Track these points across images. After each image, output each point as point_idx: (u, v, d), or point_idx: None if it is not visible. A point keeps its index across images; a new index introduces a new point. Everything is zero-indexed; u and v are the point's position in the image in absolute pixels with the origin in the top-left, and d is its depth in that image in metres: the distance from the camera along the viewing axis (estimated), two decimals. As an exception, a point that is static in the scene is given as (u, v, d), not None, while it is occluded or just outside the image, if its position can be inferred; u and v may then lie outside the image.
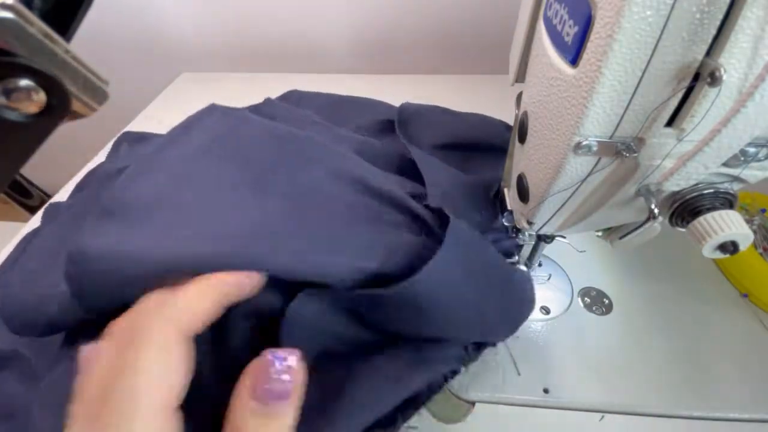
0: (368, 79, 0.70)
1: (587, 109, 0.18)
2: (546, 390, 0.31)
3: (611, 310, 0.37)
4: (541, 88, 0.23)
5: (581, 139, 0.20)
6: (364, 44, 0.73)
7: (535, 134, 0.24)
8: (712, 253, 0.20)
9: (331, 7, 0.69)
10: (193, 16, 0.72)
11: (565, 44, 0.19)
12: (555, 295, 0.37)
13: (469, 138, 0.42)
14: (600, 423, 0.30)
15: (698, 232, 0.20)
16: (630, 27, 0.16)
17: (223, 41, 0.75)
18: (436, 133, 0.42)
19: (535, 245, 0.35)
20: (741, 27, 0.16)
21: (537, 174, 0.25)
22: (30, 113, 0.15)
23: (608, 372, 0.32)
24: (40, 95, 0.15)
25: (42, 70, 0.14)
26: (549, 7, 0.22)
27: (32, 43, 0.13)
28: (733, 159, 0.19)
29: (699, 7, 0.15)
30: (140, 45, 0.76)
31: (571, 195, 0.24)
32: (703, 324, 0.35)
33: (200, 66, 0.77)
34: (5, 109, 0.14)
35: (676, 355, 0.33)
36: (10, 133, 0.15)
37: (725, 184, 0.20)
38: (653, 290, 0.38)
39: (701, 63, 0.17)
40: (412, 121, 0.43)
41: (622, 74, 0.17)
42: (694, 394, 0.31)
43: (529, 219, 0.28)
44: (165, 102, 0.67)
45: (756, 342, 0.34)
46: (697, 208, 0.20)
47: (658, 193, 0.21)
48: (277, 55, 0.76)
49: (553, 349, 0.33)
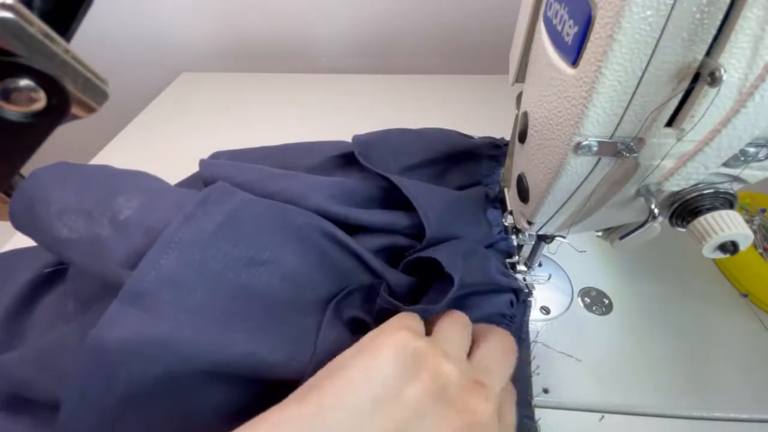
0: (368, 79, 0.70)
1: (587, 109, 0.18)
2: (546, 390, 0.31)
3: (611, 310, 0.37)
4: (541, 88, 0.23)
5: (581, 139, 0.20)
6: (364, 44, 0.73)
7: (535, 134, 0.24)
8: (712, 253, 0.20)
9: (331, 7, 0.69)
10: (192, 16, 0.72)
11: (565, 44, 0.19)
12: (555, 295, 0.37)
13: (438, 152, 0.41)
14: (600, 423, 0.30)
15: (698, 232, 0.20)
16: (630, 27, 0.16)
17: (223, 41, 0.75)
18: (403, 154, 0.40)
19: (535, 245, 0.35)
20: (741, 27, 0.16)
21: (537, 174, 0.25)
22: (30, 113, 0.15)
23: (608, 372, 0.32)
24: (40, 95, 0.15)
25: (42, 70, 0.14)
26: (549, 7, 0.22)
27: (32, 43, 0.13)
28: (733, 159, 0.19)
29: (699, 7, 0.15)
30: (140, 45, 0.76)
31: (571, 195, 0.24)
32: (703, 324, 0.35)
33: (200, 66, 0.77)
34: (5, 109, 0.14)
35: (676, 355, 0.33)
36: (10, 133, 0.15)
37: (725, 184, 0.20)
38: (653, 290, 0.38)
39: (701, 63, 0.17)
40: (374, 149, 0.40)
41: (622, 74, 0.17)
42: (694, 394, 0.31)
43: (529, 219, 0.28)
44: (165, 102, 0.67)
45: (756, 342, 0.34)
46: (697, 208, 0.20)
47: (658, 193, 0.21)
48: (277, 55, 0.76)
49: (553, 349, 0.33)
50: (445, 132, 0.44)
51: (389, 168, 0.38)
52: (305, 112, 0.63)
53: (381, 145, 0.40)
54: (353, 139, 0.41)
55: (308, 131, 0.50)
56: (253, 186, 0.34)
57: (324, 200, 0.33)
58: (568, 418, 0.30)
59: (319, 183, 0.35)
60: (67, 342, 0.27)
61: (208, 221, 0.27)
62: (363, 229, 0.34)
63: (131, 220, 0.27)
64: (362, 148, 0.40)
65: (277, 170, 0.36)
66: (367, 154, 0.39)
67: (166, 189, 0.31)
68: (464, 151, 0.42)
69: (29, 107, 0.15)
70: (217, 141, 0.47)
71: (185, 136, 0.59)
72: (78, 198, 0.28)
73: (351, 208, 0.34)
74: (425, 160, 0.40)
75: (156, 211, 0.28)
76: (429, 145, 0.41)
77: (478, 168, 0.42)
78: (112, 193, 0.29)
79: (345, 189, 0.35)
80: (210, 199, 0.28)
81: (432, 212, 0.33)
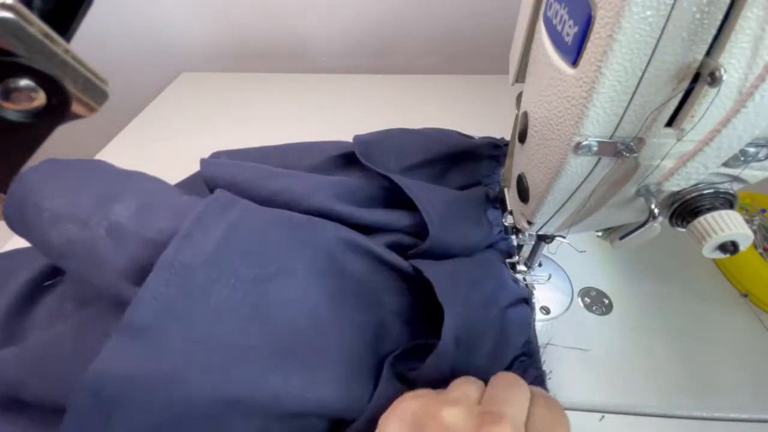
0: (368, 79, 0.70)
1: (587, 109, 0.18)
2: (546, 390, 0.31)
3: (611, 310, 0.37)
4: (541, 88, 0.23)
5: (581, 139, 0.20)
6: (364, 44, 0.73)
7: (535, 134, 0.24)
8: (712, 253, 0.20)
9: (331, 8, 0.69)
10: (192, 16, 0.72)
11: (565, 44, 0.19)
12: (555, 295, 0.37)
13: (438, 152, 0.41)
14: (600, 423, 0.30)
15: (698, 232, 0.20)
16: (630, 27, 0.16)
17: (222, 41, 0.75)
18: (404, 154, 0.40)
19: (535, 245, 0.35)
20: (741, 27, 0.16)
21: (537, 174, 0.25)
22: (30, 113, 0.15)
23: (608, 372, 0.32)
24: (40, 95, 0.15)
25: (42, 70, 0.14)
26: (549, 7, 0.22)
27: (32, 43, 0.13)
28: (733, 159, 0.19)
29: (699, 7, 0.15)
30: (140, 45, 0.76)
31: (571, 195, 0.24)
32: (703, 324, 0.35)
33: (200, 66, 0.77)
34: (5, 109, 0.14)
35: (676, 355, 0.33)
36: (10, 133, 0.15)
37: (725, 184, 0.20)
38: (653, 290, 0.38)
39: (701, 63, 0.17)
40: (375, 149, 0.40)
41: (622, 74, 0.17)
42: (694, 394, 0.31)
43: (529, 219, 0.28)
44: (165, 102, 0.67)
45: (756, 342, 0.34)
46: (697, 208, 0.20)
47: (658, 193, 0.21)
48: (276, 55, 0.76)
49: (553, 349, 0.33)
50: (445, 132, 0.44)
51: (390, 168, 0.38)
52: (305, 112, 0.63)
53: (382, 145, 0.40)
54: (354, 139, 0.41)
55: (308, 131, 0.50)
56: (254, 184, 0.33)
57: (327, 199, 0.33)
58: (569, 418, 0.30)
59: (321, 182, 0.35)
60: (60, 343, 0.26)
61: (207, 240, 0.26)
62: (366, 228, 0.34)
63: (128, 228, 0.26)
64: (363, 148, 0.40)
65: (278, 169, 0.36)
66: (368, 153, 0.39)
67: (164, 191, 0.30)
68: (464, 151, 0.42)
69: (29, 107, 0.15)
70: (217, 141, 0.47)
71: (185, 136, 0.59)
72: (72, 203, 0.27)
73: (354, 207, 0.34)
74: (425, 159, 0.41)
75: (154, 219, 0.27)
76: (429, 144, 0.41)
77: (478, 168, 0.42)
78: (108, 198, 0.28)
79: (348, 188, 0.35)
80: (207, 213, 0.27)
81: (434, 211, 0.33)
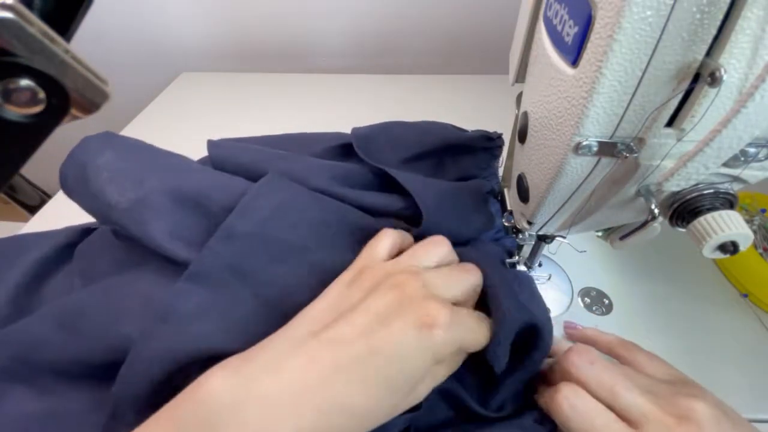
0: (368, 79, 0.70)
1: (587, 109, 0.18)
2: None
3: (611, 310, 0.37)
4: (541, 88, 0.23)
5: (581, 139, 0.20)
6: (364, 44, 0.73)
7: (535, 134, 0.24)
8: (712, 253, 0.20)
9: (330, 7, 0.69)
10: (192, 16, 0.72)
11: (565, 44, 0.19)
12: (555, 295, 0.37)
13: (434, 144, 0.41)
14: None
15: (698, 232, 0.20)
16: (630, 27, 0.16)
17: (222, 41, 0.75)
18: (401, 147, 0.41)
19: (535, 245, 0.35)
20: (741, 27, 0.16)
21: (537, 174, 0.25)
22: (30, 113, 0.15)
23: (608, 372, 0.32)
24: (40, 95, 0.15)
25: (42, 70, 0.14)
26: (549, 7, 0.22)
27: (32, 43, 0.13)
28: (733, 159, 0.19)
29: (699, 7, 0.15)
30: (140, 45, 0.76)
31: (571, 195, 0.24)
32: (703, 324, 0.35)
33: (200, 66, 0.77)
34: (5, 109, 0.14)
35: (676, 355, 0.33)
36: (10, 133, 0.15)
37: (725, 184, 0.20)
38: (653, 290, 0.38)
39: (701, 63, 0.17)
40: (372, 141, 0.41)
41: (622, 74, 0.17)
42: (694, 394, 0.31)
43: (530, 219, 0.28)
44: (165, 102, 0.67)
45: (756, 342, 0.34)
46: (697, 208, 0.20)
47: (658, 194, 0.21)
48: (276, 54, 0.76)
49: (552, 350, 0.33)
50: (440, 125, 0.45)
51: (387, 161, 0.39)
52: (305, 111, 0.63)
53: (379, 138, 0.41)
54: (352, 132, 0.42)
55: (308, 131, 0.50)
56: (257, 166, 0.35)
57: (325, 181, 0.34)
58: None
59: (320, 165, 0.37)
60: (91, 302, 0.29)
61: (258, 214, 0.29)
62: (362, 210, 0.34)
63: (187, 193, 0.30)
64: (361, 141, 0.41)
65: (280, 152, 0.38)
66: (366, 147, 0.40)
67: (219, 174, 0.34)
68: (459, 144, 0.42)
69: (29, 107, 0.15)
70: (217, 141, 0.46)
71: (185, 136, 0.59)
72: (130, 166, 0.30)
73: (349, 189, 0.35)
74: (422, 152, 0.41)
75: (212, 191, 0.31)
76: (425, 137, 0.42)
77: (473, 161, 0.42)
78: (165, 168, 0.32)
79: (345, 172, 0.37)
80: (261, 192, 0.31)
81: (428, 198, 0.33)
